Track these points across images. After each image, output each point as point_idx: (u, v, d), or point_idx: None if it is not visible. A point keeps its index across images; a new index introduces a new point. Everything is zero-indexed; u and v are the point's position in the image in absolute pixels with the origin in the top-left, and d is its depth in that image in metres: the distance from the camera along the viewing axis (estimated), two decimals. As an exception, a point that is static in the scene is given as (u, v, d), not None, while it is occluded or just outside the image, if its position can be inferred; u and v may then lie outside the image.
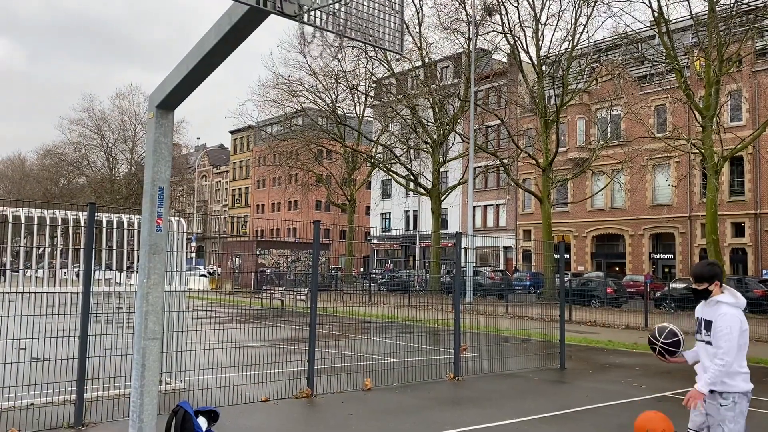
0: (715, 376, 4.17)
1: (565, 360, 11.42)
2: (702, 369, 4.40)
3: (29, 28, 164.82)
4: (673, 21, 30.03)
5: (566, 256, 42.64)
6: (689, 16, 27.56)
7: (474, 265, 41.31)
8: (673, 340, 4.51)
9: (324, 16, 4.08)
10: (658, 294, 28.07)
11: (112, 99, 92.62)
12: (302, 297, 22.54)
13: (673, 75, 29.09)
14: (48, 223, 7.87)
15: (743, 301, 4.31)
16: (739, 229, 36.73)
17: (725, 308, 4.26)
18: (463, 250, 12.01)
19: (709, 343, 4.30)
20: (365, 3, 4.30)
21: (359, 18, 4.27)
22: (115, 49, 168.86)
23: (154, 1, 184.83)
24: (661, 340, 4.51)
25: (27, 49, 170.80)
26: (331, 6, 4.07)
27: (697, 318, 4.48)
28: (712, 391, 4.24)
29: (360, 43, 4.49)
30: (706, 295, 4.38)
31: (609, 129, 38.36)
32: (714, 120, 26.07)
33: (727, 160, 27.34)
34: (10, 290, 7.32)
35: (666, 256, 40.12)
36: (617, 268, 41.97)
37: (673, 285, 28.61)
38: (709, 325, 4.31)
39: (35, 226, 7.81)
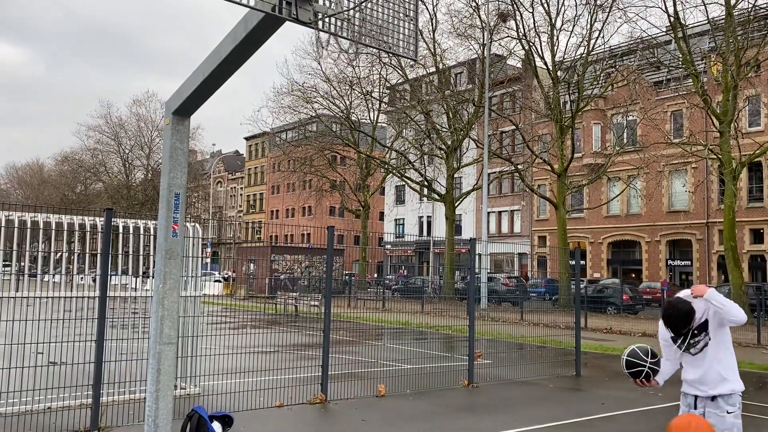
0: (733, 305, 3.89)
1: (581, 367, 11.32)
2: (690, 377, 4.09)
3: (49, 36, 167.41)
4: (690, 26, 29.80)
5: (582, 262, 42.33)
6: (706, 21, 27.31)
7: (488, 271, 41.13)
8: (658, 359, 4.13)
9: (339, 23, 4.10)
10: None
11: (129, 106, 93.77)
12: (316, 303, 22.56)
13: (690, 80, 28.87)
14: (65, 228, 7.96)
15: None
16: (757, 236, 36.24)
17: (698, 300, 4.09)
18: (477, 257, 11.96)
19: (705, 345, 4.02)
20: (380, 10, 4.32)
21: (374, 24, 4.29)
22: (133, 57, 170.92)
23: (171, 9, 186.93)
24: (648, 360, 4.06)
25: (46, 57, 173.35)
26: (346, 13, 4.09)
27: (672, 337, 4.17)
28: (714, 398, 3.96)
29: (374, 50, 4.50)
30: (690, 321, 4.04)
31: (625, 135, 38.09)
32: (732, 125, 25.79)
33: (746, 165, 27.02)
34: (28, 295, 7.41)
35: (683, 263, 39.66)
36: (633, 275, 41.58)
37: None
38: (704, 325, 4.02)
39: (53, 231, 7.89)
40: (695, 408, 4.05)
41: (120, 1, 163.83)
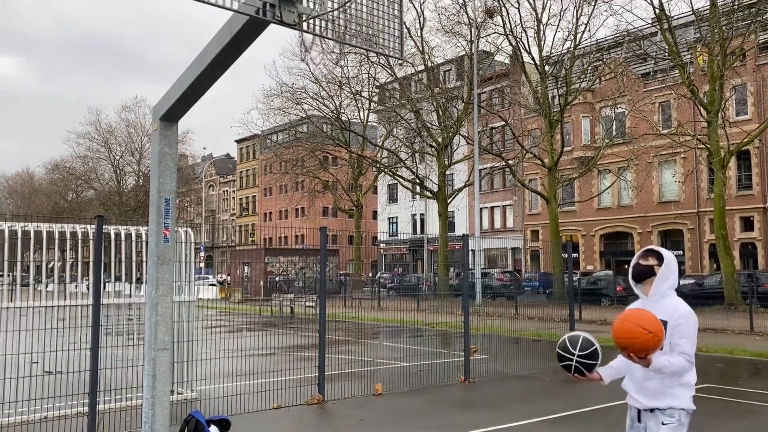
0: (679, 365, 3.32)
1: (576, 360, 11.36)
2: (632, 384, 3.55)
3: (42, 46, 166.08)
4: (675, 17, 29.97)
5: (574, 255, 42.51)
6: (691, 12, 27.49)
7: (482, 267, 41.24)
8: (590, 351, 3.46)
9: (323, 24, 4.11)
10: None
11: (118, 112, 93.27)
12: (311, 303, 22.57)
13: (677, 71, 29.02)
14: (57, 237, 7.93)
15: None
16: (748, 224, 36.49)
17: (681, 304, 3.44)
18: (470, 253, 12.01)
19: (661, 348, 3.36)
20: (364, 9, 4.34)
21: (359, 24, 4.30)
22: (126, 65, 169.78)
23: (163, 17, 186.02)
24: (576, 352, 3.45)
25: (39, 67, 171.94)
26: (331, 14, 4.11)
27: None
28: (652, 410, 3.41)
29: (362, 49, 4.52)
30: (647, 275, 3.49)
31: (614, 127, 38.27)
32: (719, 115, 25.96)
33: (734, 154, 27.20)
34: (21, 305, 7.39)
35: (675, 253, 39.73)
36: (626, 266, 41.72)
37: (682, 281, 28.43)
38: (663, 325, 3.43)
39: (45, 240, 7.87)
40: (639, 422, 3.52)
41: (113, 9, 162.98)
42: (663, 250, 3.56)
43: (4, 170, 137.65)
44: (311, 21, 4.01)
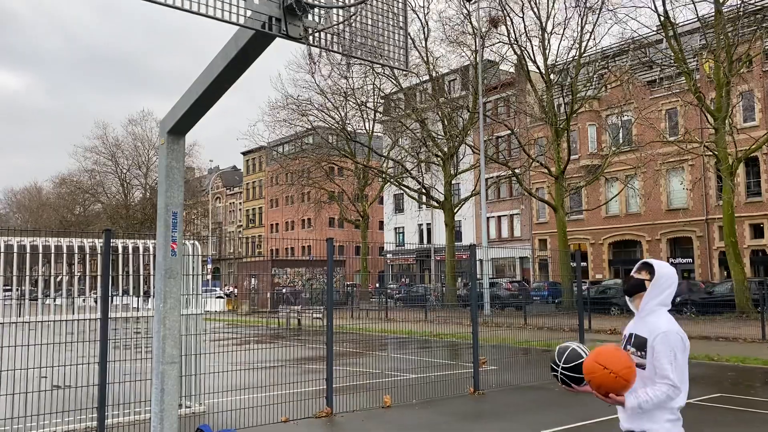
0: (659, 397, 3.13)
1: (586, 370, 11.27)
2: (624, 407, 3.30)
3: (49, 62, 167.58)
4: (680, 24, 29.95)
5: (583, 264, 42.30)
6: (696, 19, 27.47)
7: (490, 276, 41.11)
8: (575, 364, 3.34)
9: (329, 37, 4.12)
10: (677, 299, 27.71)
11: (125, 125, 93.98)
12: (319, 315, 22.53)
13: (683, 78, 28.95)
14: (65, 251, 7.96)
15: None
16: (758, 231, 36.23)
17: (664, 322, 3.25)
18: (478, 262, 11.96)
19: (640, 366, 3.23)
20: (369, 21, 4.35)
21: (364, 36, 4.31)
22: (134, 79, 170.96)
23: (170, 30, 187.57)
24: (561, 364, 3.37)
25: (46, 83, 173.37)
26: (336, 27, 4.12)
27: (624, 334, 3.46)
28: None
29: (367, 62, 4.53)
30: (637, 290, 3.37)
31: (620, 135, 38.19)
32: (726, 121, 25.86)
33: (742, 161, 27.07)
34: (30, 319, 7.40)
35: (684, 261, 39.63)
36: (635, 275, 41.48)
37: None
38: (641, 342, 3.28)
39: (53, 254, 7.89)
40: None
41: (120, 24, 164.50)
42: (658, 264, 3.38)
43: (12, 185, 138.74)
44: (317, 34, 4.02)
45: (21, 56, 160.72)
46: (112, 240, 7.19)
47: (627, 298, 3.47)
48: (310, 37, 3.96)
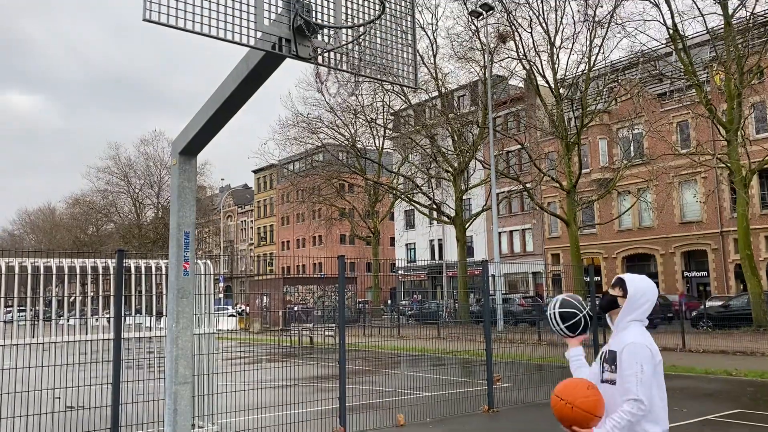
0: (624, 419, 3.02)
1: (602, 386, 11.12)
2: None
3: (63, 84, 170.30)
4: (689, 36, 29.91)
5: (597, 278, 41.97)
6: (705, 31, 27.42)
7: (503, 292, 40.86)
8: (569, 310, 3.41)
9: (338, 57, 4.15)
10: (694, 313, 27.37)
11: (137, 145, 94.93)
12: (331, 333, 22.46)
13: (694, 90, 28.85)
14: (78, 272, 8.00)
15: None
16: (773, 243, 35.83)
17: (632, 334, 3.18)
18: (491, 278, 11.88)
19: (611, 382, 3.17)
20: (378, 40, 4.37)
21: (373, 55, 4.33)
22: (147, 100, 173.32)
23: (181, 51, 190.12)
24: (585, 308, 3.45)
25: (61, 105, 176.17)
26: (345, 46, 4.14)
27: (601, 351, 3.37)
28: None
29: (377, 80, 4.55)
30: (611, 306, 3.32)
31: (632, 148, 38.03)
32: (738, 133, 25.70)
33: (756, 172, 26.83)
34: (44, 340, 7.42)
35: (699, 274, 39.21)
36: (649, 289, 41.07)
37: (709, 303, 27.89)
38: (612, 356, 3.20)
39: (66, 275, 7.94)
40: None
41: (133, 45, 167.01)
42: (631, 280, 3.30)
43: (27, 206, 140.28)
44: (326, 54, 4.05)
45: (36, 79, 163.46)
46: (124, 260, 7.22)
47: (603, 312, 3.44)
48: (320, 57, 3.98)
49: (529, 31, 32.04)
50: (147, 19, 3.36)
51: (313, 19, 3.85)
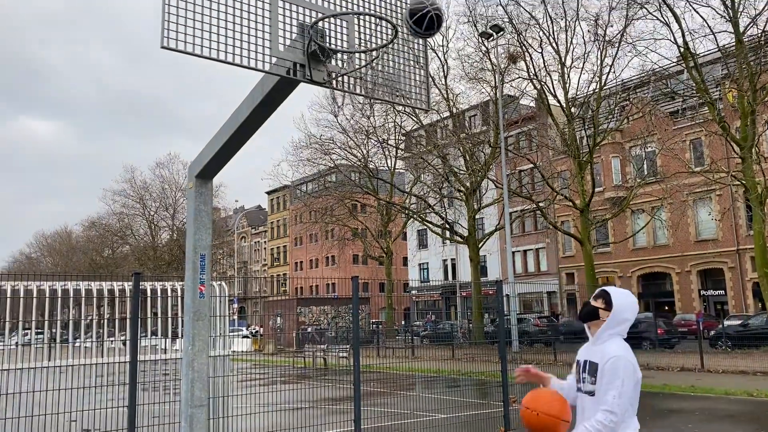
0: (595, 428, 3.07)
1: (620, 408, 10.96)
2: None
3: (80, 109, 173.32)
4: (701, 54, 29.90)
5: (612, 297, 41.45)
6: (716, 49, 27.40)
7: (518, 312, 40.54)
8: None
9: (352, 80, 4.21)
10: (712, 332, 26.97)
11: (153, 168, 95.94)
12: (345, 354, 22.38)
13: (706, 108, 28.76)
14: (95, 294, 8.07)
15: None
16: (792, 260, 35.33)
17: (616, 347, 3.21)
18: (505, 298, 11.83)
19: (591, 393, 3.21)
20: (391, 63, 4.43)
21: (386, 78, 4.39)
22: (163, 124, 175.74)
23: (197, 76, 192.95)
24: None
25: (78, 130, 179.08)
26: (359, 70, 4.21)
27: (578, 361, 3.40)
28: None
29: (391, 103, 4.61)
30: (591, 317, 3.34)
31: (645, 166, 37.84)
32: (753, 150, 25.53)
33: (771, 189, 26.58)
34: (60, 363, 7.47)
35: (717, 293, 38.70)
36: (666, 308, 40.60)
37: (727, 322, 27.49)
38: (594, 368, 3.24)
39: (83, 298, 8.02)
40: None
41: (149, 70, 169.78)
42: (616, 295, 3.32)
43: (44, 229, 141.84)
44: (340, 78, 4.11)
45: (53, 104, 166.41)
46: (140, 283, 7.28)
47: (584, 324, 3.46)
48: (334, 81, 4.04)
49: (540, 51, 32.21)
50: (165, 46, 3.44)
51: (327, 44, 3.92)
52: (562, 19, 31.24)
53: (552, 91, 32.73)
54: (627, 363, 3.15)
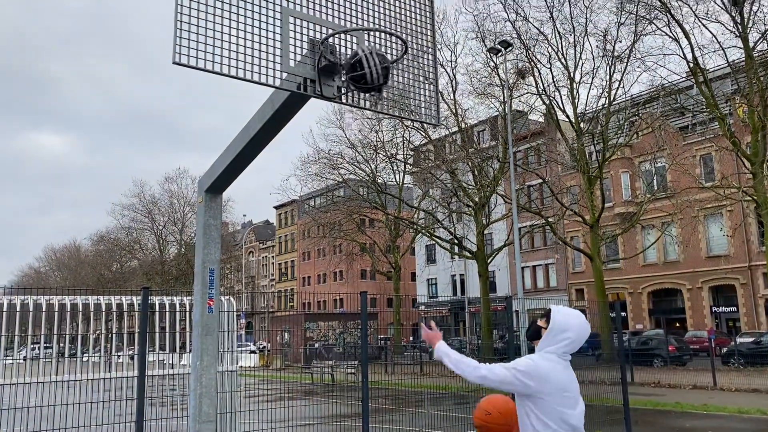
0: (460, 364, 3.22)
1: (631, 425, 10.81)
2: None
3: (89, 123, 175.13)
4: (710, 70, 29.85)
5: (622, 314, 41.18)
6: (726, 65, 27.35)
7: (527, 329, 40.20)
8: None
9: (362, 95, 4.21)
10: (724, 350, 26.64)
11: (161, 183, 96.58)
12: (352, 370, 22.26)
13: (716, 123, 28.66)
14: (103, 309, 8.07)
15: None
16: (804, 277, 34.97)
17: (536, 356, 3.28)
18: (515, 314, 11.75)
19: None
20: (400, 78, 4.43)
21: (395, 93, 4.39)
22: (171, 137, 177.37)
23: (206, 90, 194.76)
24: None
25: (87, 144, 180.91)
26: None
27: None
28: None
29: (400, 118, 4.62)
30: (534, 336, 3.40)
31: (655, 181, 37.68)
32: (764, 166, 25.38)
33: (783, 205, 26.37)
34: (68, 378, 7.46)
35: (728, 309, 38.29)
36: (677, 324, 40.20)
37: (739, 339, 27.17)
38: None
39: (92, 312, 8.01)
40: None
41: (158, 84, 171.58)
42: (556, 314, 3.30)
43: (53, 242, 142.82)
44: (350, 93, 4.11)
45: (63, 118, 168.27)
46: (149, 297, 7.27)
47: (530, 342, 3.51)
48: (344, 97, 4.05)
49: (548, 66, 32.26)
50: (177, 62, 3.45)
51: (338, 60, 3.93)
52: (570, 35, 31.33)
53: (561, 106, 32.75)
54: (527, 361, 3.19)
